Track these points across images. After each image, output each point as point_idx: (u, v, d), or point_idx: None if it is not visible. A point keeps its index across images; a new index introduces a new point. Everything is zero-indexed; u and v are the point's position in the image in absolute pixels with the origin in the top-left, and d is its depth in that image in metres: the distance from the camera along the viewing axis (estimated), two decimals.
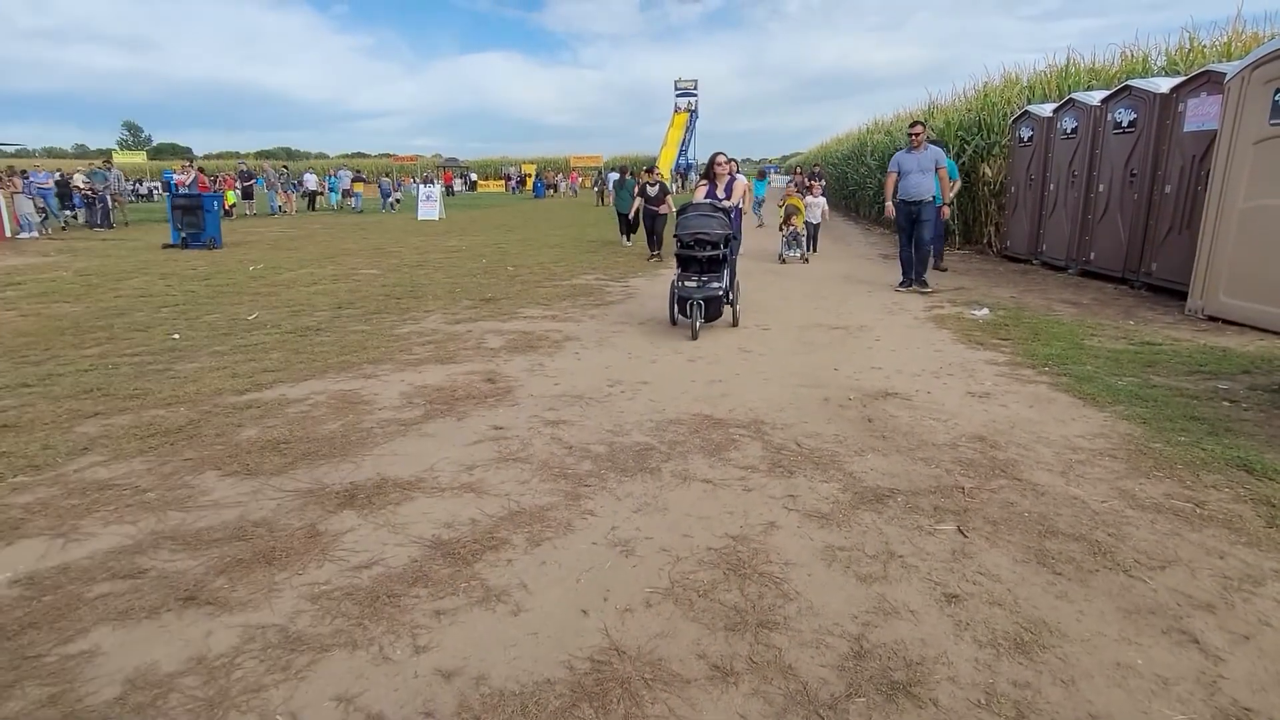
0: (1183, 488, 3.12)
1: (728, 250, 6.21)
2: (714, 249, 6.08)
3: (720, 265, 6.19)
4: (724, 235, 6.14)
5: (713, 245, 6.08)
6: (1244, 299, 6.10)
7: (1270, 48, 5.94)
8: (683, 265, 6.26)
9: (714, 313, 6.32)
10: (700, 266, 6.19)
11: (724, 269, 6.21)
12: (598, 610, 2.32)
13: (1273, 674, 1.98)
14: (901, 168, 8.19)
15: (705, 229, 6.08)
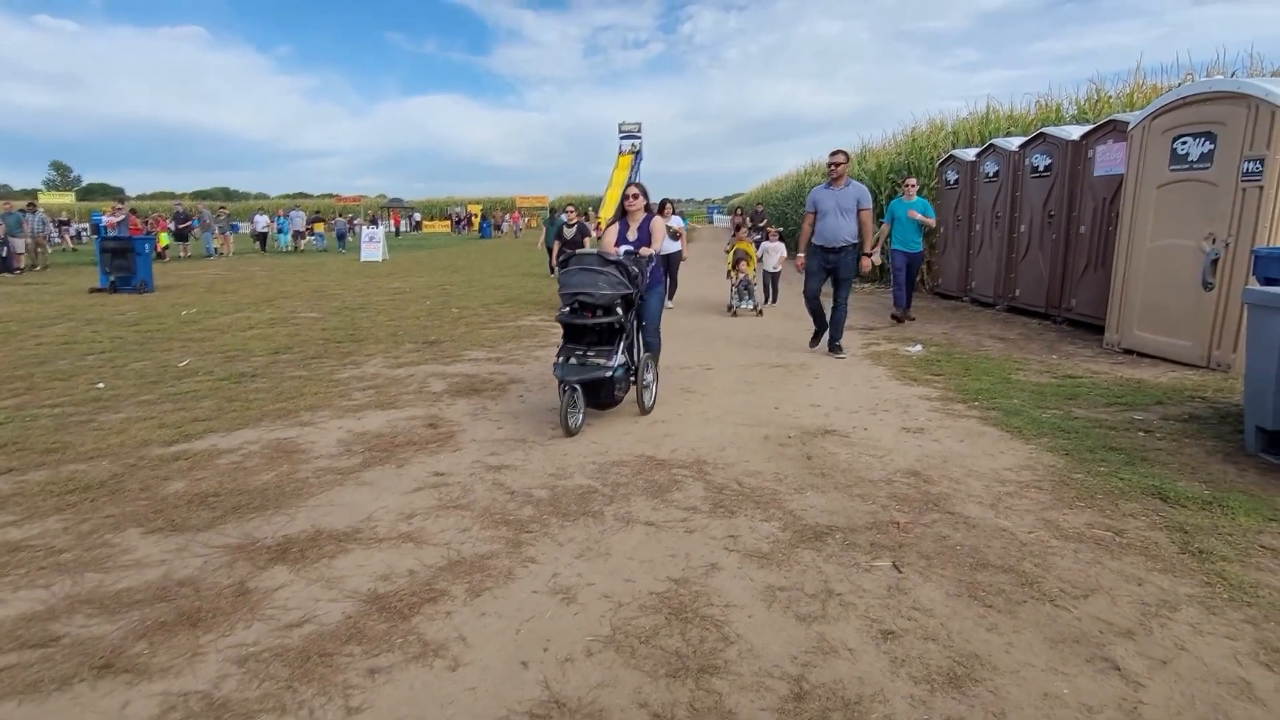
0: (1103, 517, 3.26)
1: (628, 317, 4.78)
2: (605, 314, 4.65)
3: (615, 336, 4.75)
4: (617, 296, 4.63)
5: (603, 309, 4.65)
6: (1155, 332, 6.46)
7: (1167, 99, 6.41)
8: (565, 335, 4.85)
9: (606, 399, 4.85)
10: (585, 337, 4.80)
11: (619, 340, 4.74)
12: (538, 661, 2.28)
13: (1188, 698, 2.07)
14: (818, 206, 6.79)
15: (588, 287, 4.63)
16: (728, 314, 10.15)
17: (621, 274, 4.71)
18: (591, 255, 4.89)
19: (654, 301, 5.50)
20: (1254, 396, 3.92)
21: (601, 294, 4.62)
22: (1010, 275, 9.59)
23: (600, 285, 4.63)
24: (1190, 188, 6.06)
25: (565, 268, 4.81)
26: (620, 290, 4.66)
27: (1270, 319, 3.73)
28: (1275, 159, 5.34)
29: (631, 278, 4.74)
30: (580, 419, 4.67)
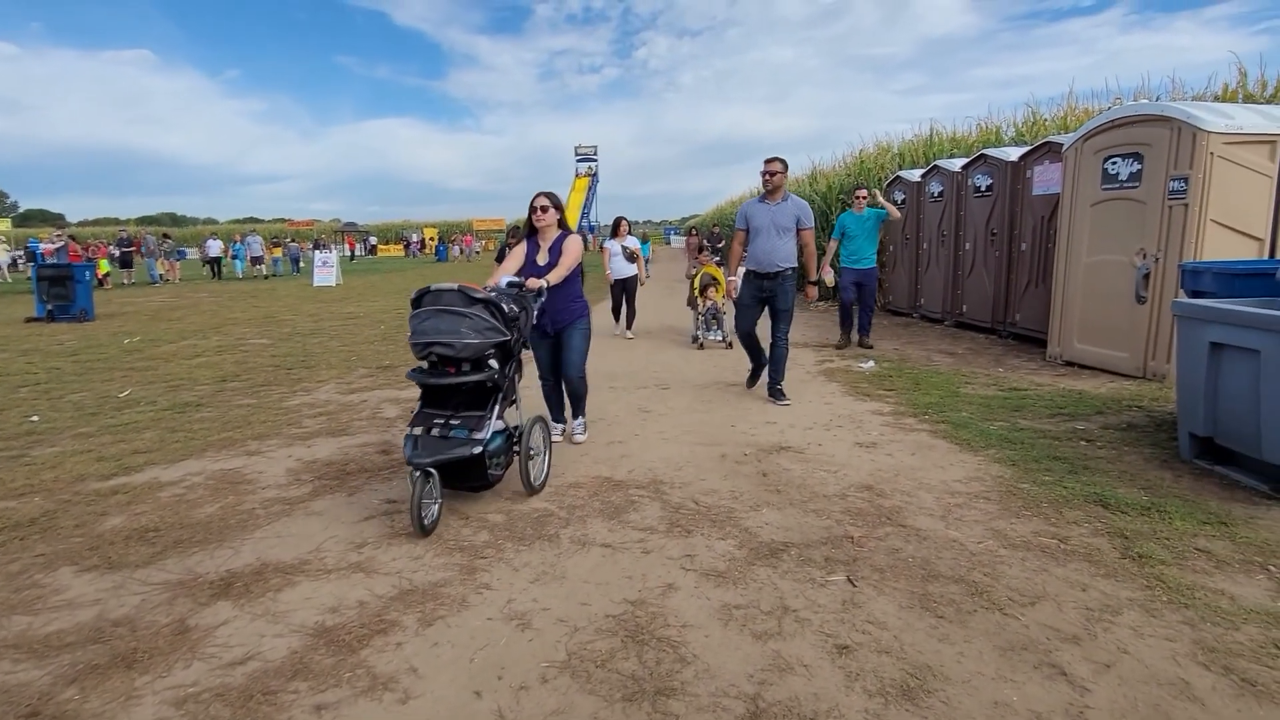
0: (1048, 525, 3.35)
1: (506, 370, 3.64)
2: (473, 369, 3.52)
3: (487, 398, 3.62)
4: (487, 345, 3.46)
5: (471, 364, 3.51)
6: (1093, 345, 6.70)
7: (1097, 121, 6.70)
8: (422, 397, 3.72)
9: (476, 481, 3.67)
10: (449, 401, 3.65)
11: (494, 403, 3.60)
12: (492, 690, 2.24)
13: (1131, 700, 2.13)
14: (750, 223, 5.71)
15: (446, 335, 3.40)
16: (692, 345, 9.02)
17: (493, 315, 3.50)
18: (451, 292, 3.50)
19: (576, 341, 4.55)
20: (1185, 404, 4.08)
21: (465, 343, 3.40)
22: (957, 292, 9.86)
23: (463, 332, 3.41)
24: (1121, 206, 6.33)
25: (417, 307, 3.54)
26: (491, 337, 3.46)
27: (1197, 329, 3.90)
28: (1198, 178, 5.62)
29: (508, 319, 3.57)
30: (438, 510, 3.47)
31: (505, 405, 3.74)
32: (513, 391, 3.83)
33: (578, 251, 4.40)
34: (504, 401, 3.70)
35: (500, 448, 3.70)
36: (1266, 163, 5.67)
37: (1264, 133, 5.64)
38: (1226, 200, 5.64)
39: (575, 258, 4.36)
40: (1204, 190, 5.62)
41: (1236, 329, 3.66)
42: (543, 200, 4.44)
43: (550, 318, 4.50)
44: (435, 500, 3.47)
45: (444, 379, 3.50)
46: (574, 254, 4.36)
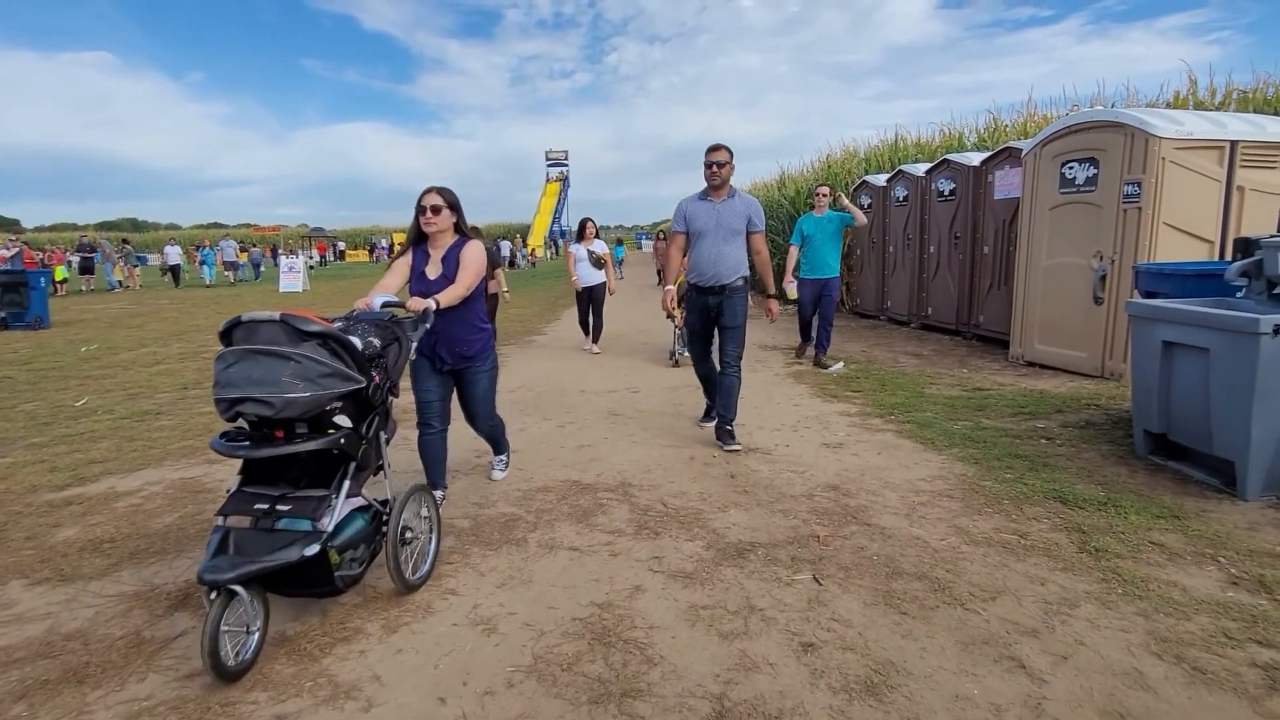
0: (1009, 521, 3.41)
1: (364, 429, 2.67)
2: (310, 432, 2.51)
3: (333, 468, 2.61)
4: (328, 398, 2.46)
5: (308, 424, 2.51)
6: (1053, 345, 6.85)
7: (1055, 127, 6.85)
8: (241, 471, 2.61)
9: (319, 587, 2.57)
10: (286, 473, 2.64)
11: (341, 478, 2.58)
12: (457, 696, 2.22)
13: (1087, 690, 2.17)
14: (692, 225, 4.72)
15: (262, 387, 2.36)
16: (668, 362, 8.19)
17: (336, 355, 2.48)
18: (270, 325, 2.44)
19: (484, 385, 3.77)
20: (1140, 402, 4.18)
21: (289, 398, 2.33)
22: (922, 294, 10.01)
23: (286, 382, 2.34)
24: (1079, 209, 6.48)
25: (226, 344, 2.49)
26: (332, 386, 2.42)
27: (1150, 329, 4.01)
28: (1150, 182, 5.77)
29: (362, 359, 2.56)
30: (257, 642, 2.37)
31: (365, 476, 2.69)
32: (377, 456, 2.75)
33: (479, 263, 3.50)
34: (361, 472, 2.64)
35: (356, 536, 2.58)
36: (1215, 167, 5.84)
37: (1213, 138, 5.82)
38: (1178, 204, 5.81)
39: (477, 271, 3.47)
40: (1156, 194, 5.78)
41: (1187, 328, 3.77)
42: (433, 198, 3.47)
43: (447, 349, 3.59)
44: (252, 630, 2.36)
45: (265, 449, 2.38)
46: (475, 267, 3.46)
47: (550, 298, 17.16)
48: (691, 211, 4.75)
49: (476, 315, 3.69)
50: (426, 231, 3.52)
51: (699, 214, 4.70)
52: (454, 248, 3.55)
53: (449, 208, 3.53)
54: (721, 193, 4.67)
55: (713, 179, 4.64)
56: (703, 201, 4.71)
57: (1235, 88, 8.82)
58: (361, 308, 3.07)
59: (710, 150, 4.66)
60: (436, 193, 3.50)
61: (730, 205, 4.66)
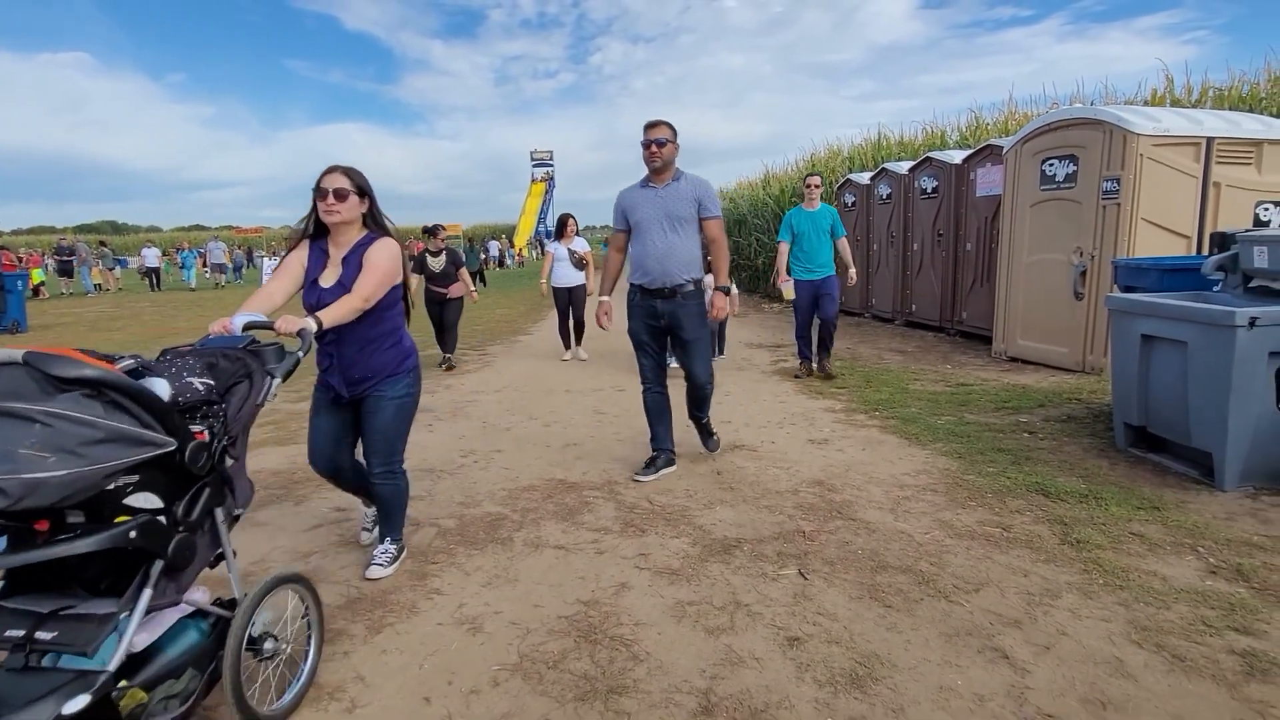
0: (992, 514, 3.44)
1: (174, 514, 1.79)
2: (87, 522, 1.70)
3: (132, 568, 1.74)
4: (95, 476, 1.57)
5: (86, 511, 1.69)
6: (1035, 341, 6.91)
7: (1035, 124, 6.92)
8: None
9: None
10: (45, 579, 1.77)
11: (141, 584, 1.70)
12: (442, 696, 2.21)
13: (1069, 679, 2.19)
14: (632, 217, 4.02)
15: None
16: None
17: (120, 409, 1.68)
18: (8, 368, 1.61)
19: (387, 416, 2.86)
20: (1120, 395, 4.23)
21: (36, 478, 1.50)
22: (906, 291, 10.08)
23: (26, 455, 1.51)
24: (1059, 206, 6.55)
25: None
26: (112, 456, 1.62)
27: (1130, 323, 4.05)
28: (1129, 178, 5.84)
29: (166, 413, 1.76)
30: None
31: (190, 574, 1.85)
32: (212, 544, 1.94)
33: (389, 266, 2.70)
34: (177, 571, 1.80)
35: (180, 660, 1.84)
36: (1192, 164, 5.92)
37: (1189, 135, 5.90)
38: (1156, 200, 5.88)
39: (383, 276, 2.67)
40: (1135, 190, 5.85)
41: (1165, 321, 3.81)
42: (336, 179, 2.68)
43: (342, 374, 2.79)
44: None
45: (17, 554, 1.63)
46: (381, 270, 2.66)
47: (535, 298, 17.11)
48: (630, 201, 4.02)
49: (387, 329, 2.83)
50: (327, 222, 2.72)
51: (639, 203, 3.98)
52: (359, 246, 2.74)
53: (357, 193, 2.72)
54: (665, 176, 3.94)
55: (652, 161, 3.89)
56: (643, 189, 4.00)
57: (1211, 86, 8.96)
58: (218, 331, 2.29)
59: (649, 127, 3.89)
60: (341, 173, 2.70)
61: (675, 190, 3.92)
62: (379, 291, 2.67)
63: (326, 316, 2.47)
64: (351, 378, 2.83)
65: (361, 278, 2.66)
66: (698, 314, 4.00)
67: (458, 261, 7.95)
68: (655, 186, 3.96)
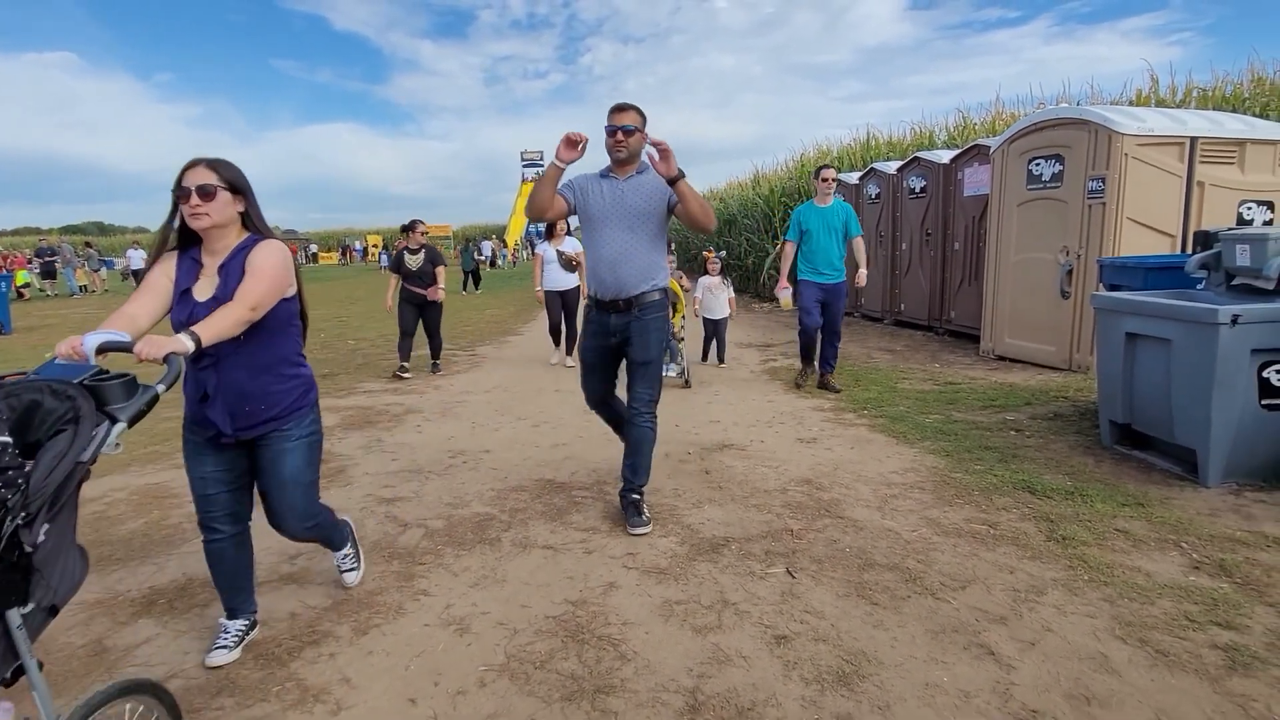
0: (979, 512, 3.45)
1: None
2: None
3: None
4: None
5: None
6: (1022, 339, 6.95)
7: (1022, 124, 6.96)
8: None
9: None
10: None
11: None
12: (428, 697, 2.20)
13: (1054, 675, 2.20)
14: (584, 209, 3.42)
15: None
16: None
17: None
18: None
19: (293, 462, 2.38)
20: (1106, 392, 4.26)
21: None
22: (895, 291, 10.11)
23: None
24: (1045, 205, 6.59)
25: None
26: None
27: (1115, 321, 4.08)
28: (1114, 178, 5.89)
29: None
30: None
31: None
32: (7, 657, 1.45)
33: (281, 270, 2.22)
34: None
35: None
36: (1176, 163, 5.97)
37: (1174, 135, 5.94)
38: (1140, 199, 5.92)
39: (274, 282, 2.19)
40: (1120, 190, 5.89)
41: (1150, 320, 3.84)
42: (201, 174, 2.17)
43: (226, 406, 2.24)
44: None
45: None
46: (271, 274, 2.19)
47: (526, 298, 17.08)
48: (583, 196, 3.38)
49: (282, 355, 2.34)
50: (194, 227, 2.18)
51: (592, 196, 3.36)
52: (240, 251, 2.23)
53: (229, 189, 2.21)
54: (629, 168, 3.35)
55: (617, 151, 3.29)
56: (602, 179, 3.39)
57: (1195, 86, 9.04)
58: (65, 354, 1.78)
59: (615, 112, 3.28)
60: (206, 166, 2.18)
61: (638, 184, 3.32)
62: (269, 299, 2.18)
63: (205, 331, 1.97)
64: (240, 411, 2.25)
65: (246, 283, 2.16)
66: (653, 330, 3.39)
67: (437, 260, 7.51)
68: (616, 178, 3.36)
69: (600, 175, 3.42)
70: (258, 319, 2.16)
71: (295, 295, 2.37)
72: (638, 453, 3.48)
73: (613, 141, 3.28)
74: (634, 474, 3.48)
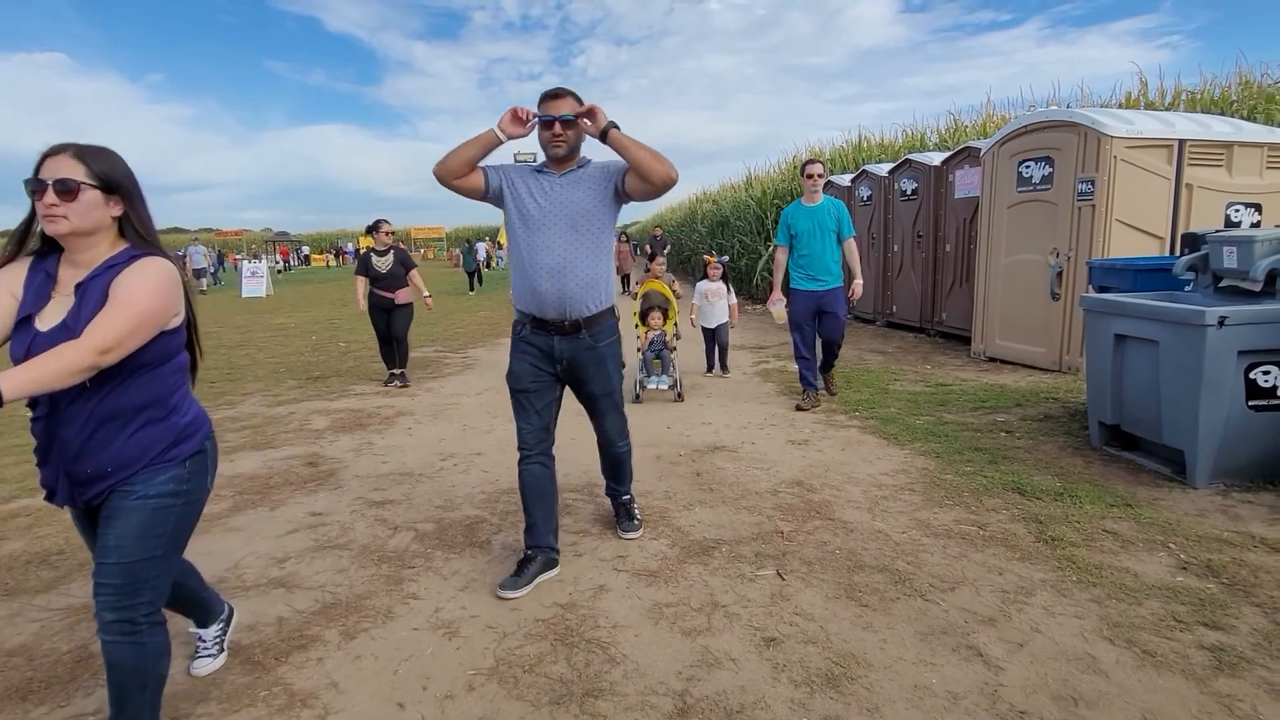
0: (969, 513, 3.46)
1: None
2: None
3: None
4: None
5: None
6: (1013, 341, 6.98)
7: (1012, 126, 6.99)
8: None
9: None
10: None
11: None
12: (416, 701, 2.19)
13: (1042, 676, 2.21)
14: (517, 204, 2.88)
15: None
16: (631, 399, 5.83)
17: None
18: None
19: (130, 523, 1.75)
20: (1095, 394, 4.28)
21: None
22: (887, 293, 10.14)
23: None
24: (1035, 207, 6.62)
25: None
26: None
27: (1104, 322, 4.10)
28: (1103, 180, 5.92)
29: None
30: None
31: None
32: None
33: (155, 300, 1.70)
34: None
35: None
36: (1165, 165, 6.00)
37: (1162, 137, 5.98)
38: (1129, 201, 5.95)
39: (143, 317, 1.67)
40: (1109, 192, 5.92)
41: (1138, 321, 3.86)
42: (64, 165, 1.69)
43: (64, 469, 1.75)
44: None
45: None
46: (140, 306, 1.65)
47: None
48: (515, 198, 2.85)
49: (150, 403, 1.78)
50: (49, 231, 1.71)
51: (527, 193, 2.84)
52: (109, 269, 1.71)
53: (101, 187, 1.72)
54: (568, 164, 2.87)
55: (555, 147, 2.79)
56: (539, 175, 2.87)
57: (1184, 89, 9.10)
58: None
59: (549, 99, 2.76)
60: (74, 156, 1.70)
61: (578, 179, 2.84)
62: (130, 340, 1.63)
63: (11, 382, 1.44)
64: (81, 475, 1.73)
65: (102, 316, 1.61)
66: (608, 357, 2.97)
67: (407, 263, 7.19)
68: (552, 174, 2.86)
69: (534, 170, 2.91)
70: (110, 364, 1.60)
71: (181, 325, 1.82)
72: (619, 470, 3.35)
73: (550, 135, 2.78)
74: (619, 483, 3.39)
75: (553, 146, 2.81)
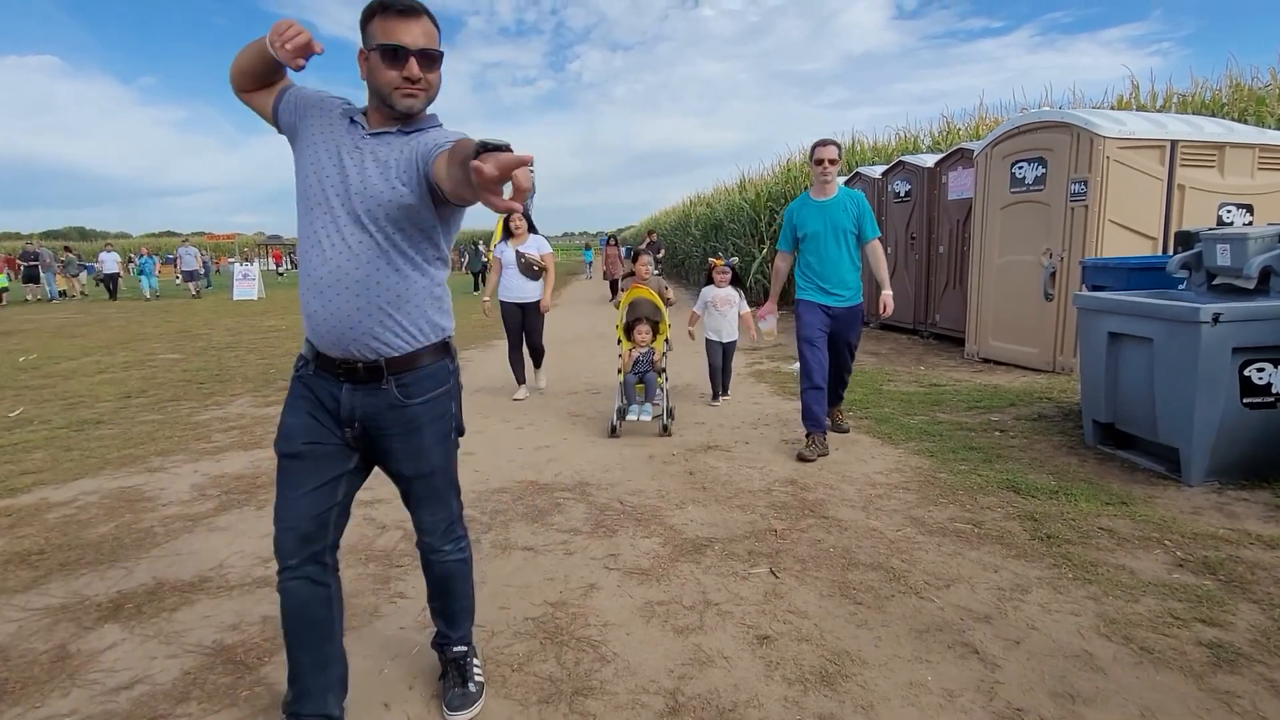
0: (964, 511, 3.43)
1: None
2: None
3: None
4: None
5: None
6: (1006, 341, 6.97)
7: (1004, 128, 7.00)
8: None
9: None
10: None
11: None
12: (402, 701, 2.14)
13: (1039, 673, 2.17)
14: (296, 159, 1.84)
15: None
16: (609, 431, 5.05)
17: None
18: None
19: None
20: (1089, 392, 4.26)
21: None
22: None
23: None
24: (1028, 208, 6.61)
25: None
26: None
27: (1097, 320, 4.08)
28: (1096, 180, 5.92)
29: None
30: None
31: None
32: None
33: None
34: None
35: None
36: (1157, 166, 6.01)
37: (1154, 138, 5.98)
38: (1122, 201, 5.95)
39: None
40: (1102, 192, 5.92)
41: (1131, 319, 3.84)
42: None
43: None
44: None
45: None
46: None
47: None
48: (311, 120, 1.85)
49: None
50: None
51: (319, 147, 1.81)
52: None
53: None
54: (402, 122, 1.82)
55: (409, 104, 1.76)
56: (348, 125, 1.83)
57: (1175, 92, 9.13)
58: None
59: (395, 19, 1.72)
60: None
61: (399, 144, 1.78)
62: None
63: None
64: None
65: None
66: (433, 420, 1.97)
67: None
68: (362, 129, 1.82)
69: (344, 116, 1.84)
70: None
71: None
72: (448, 594, 2.16)
73: (395, 73, 1.73)
74: (450, 624, 2.18)
75: (403, 96, 1.76)
